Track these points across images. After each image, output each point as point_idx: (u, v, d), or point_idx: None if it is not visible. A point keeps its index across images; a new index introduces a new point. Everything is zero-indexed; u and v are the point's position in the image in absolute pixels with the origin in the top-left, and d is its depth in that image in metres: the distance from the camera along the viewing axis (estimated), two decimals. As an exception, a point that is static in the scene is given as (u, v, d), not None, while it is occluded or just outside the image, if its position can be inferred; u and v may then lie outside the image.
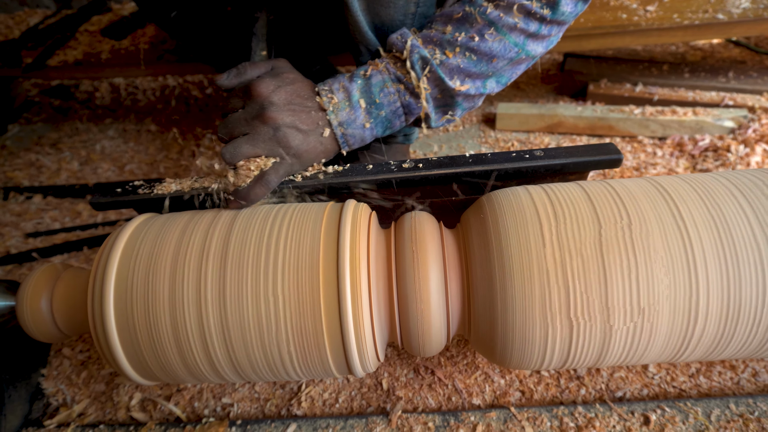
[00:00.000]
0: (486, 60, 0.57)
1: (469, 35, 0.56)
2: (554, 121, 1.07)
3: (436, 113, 0.61)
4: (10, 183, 1.14)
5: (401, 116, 0.60)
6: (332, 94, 0.57)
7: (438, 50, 0.57)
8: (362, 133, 0.59)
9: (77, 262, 0.91)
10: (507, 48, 0.56)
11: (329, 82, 0.59)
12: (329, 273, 0.47)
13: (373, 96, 0.57)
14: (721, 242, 0.45)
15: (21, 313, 0.54)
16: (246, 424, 0.61)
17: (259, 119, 0.54)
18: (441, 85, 0.57)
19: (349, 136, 0.58)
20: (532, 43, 0.57)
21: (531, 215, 0.48)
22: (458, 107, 0.60)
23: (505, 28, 0.55)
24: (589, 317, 0.45)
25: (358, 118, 0.58)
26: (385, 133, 0.62)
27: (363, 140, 0.60)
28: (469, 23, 0.56)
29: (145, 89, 1.43)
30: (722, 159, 0.95)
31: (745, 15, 0.92)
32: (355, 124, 0.58)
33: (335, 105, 0.57)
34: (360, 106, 0.57)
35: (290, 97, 0.56)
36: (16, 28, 1.35)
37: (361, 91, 0.58)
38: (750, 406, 0.59)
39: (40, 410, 0.68)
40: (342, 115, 0.57)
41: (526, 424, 0.59)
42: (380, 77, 0.58)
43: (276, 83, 0.57)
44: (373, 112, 0.58)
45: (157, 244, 0.50)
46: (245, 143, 0.54)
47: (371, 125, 0.59)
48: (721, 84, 1.08)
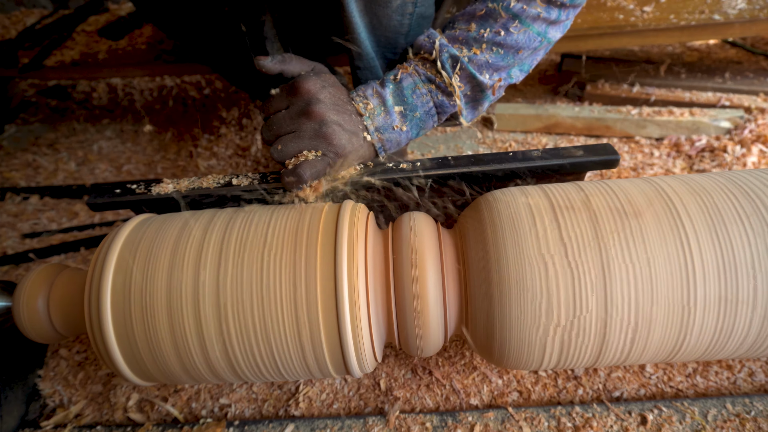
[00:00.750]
0: (512, 52, 0.58)
1: (494, 30, 0.57)
2: (552, 121, 1.07)
3: (468, 109, 0.62)
4: (7, 183, 1.14)
5: (434, 116, 0.61)
6: (367, 100, 0.58)
7: (465, 48, 0.58)
8: (398, 137, 0.59)
9: (74, 262, 0.91)
10: (531, 38, 0.58)
11: (362, 88, 0.59)
12: (327, 273, 0.47)
13: (406, 99, 0.58)
14: (718, 240, 0.45)
15: (18, 314, 0.54)
16: (243, 425, 0.61)
17: (305, 115, 0.54)
18: (472, 81, 0.58)
19: (386, 141, 0.59)
20: (552, 29, 0.59)
21: (528, 216, 0.48)
22: (486, 100, 0.61)
23: (529, 19, 0.57)
24: (587, 316, 0.45)
25: (393, 122, 0.58)
26: (419, 135, 0.62)
27: (399, 144, 0.60)
28: (493, 19, 0.57)
29: (143, 89, 1.43)
30: (719, 159, 0.95)
31: (741, 16, 0.93)
32: (391, 129, 0.58)
33: (371, 110, 0.57)
34: (395, 111, 0.58)
35: (334, 97, 0.56)
36: (12, 28, 1.35)
37: (394, 96, 0.58)
38: (746, 405, 0.59)
39: (36, 411, 0.68)
40: (378, 120, 0.57)
41: (524, 424, 0.59)
42: (411, 80, 0.58)
43: (322, 82, 0.56)
44: (408, 115, 0.59)
45: (155, 245, 0.50)
46: (291, 141, 0.53)
47: (407, 128, 0.59)
48: (717, 84, 1.09)
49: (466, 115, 0.62)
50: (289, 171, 0.52)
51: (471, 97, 0.61)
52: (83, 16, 1.28)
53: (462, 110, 0.61)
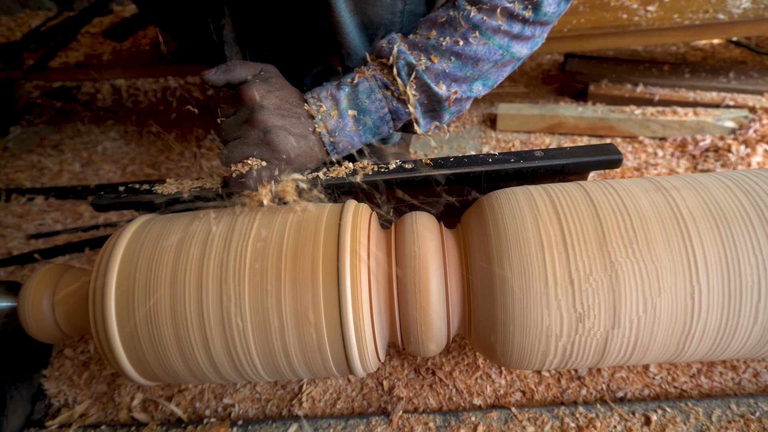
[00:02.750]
0: (471, 63, 0.57)
1: (453, 39, 0.56)
2: (555, 121, 1.07)
3: (425, 118, 0.61)
4: (12, 185, 1.14)
5: (389, 122, 0.60)
6: (320, 102, 0.58)
7: (423, 56, 0.57)
8: (351, 140, 0.59)
9: (79, 263, 0.92)
10: (491, 51, 0.56)
11: (317, 90, 0.59)
12: (330, 273, 0.47)
13: (360, 103, 0.58)
14: (722, 240, 0.45)
15: (23, 314, 0.54)
16: (247, 425, 0.61)
17: (250, 123, 0.54)
18: (427, 91, 0.58)
19: (337, 143, 0.59)
20: (516, 44, 0.57)
21: (531, 215, 0.48)
22: (445, 111, 0.60)
23: (489, 30, 0.55)
24: (590, 316, 0.45)
25: (346, 126, 0.58)
26: (374, 139, 0.62)
27: (352, 146, 0.60)
28: (453, 27, 0.56)
29: (146, 90, 1.43)
30: (723, 159, 0.95)
31: (745, 15, 0.92)
32: (344, 132, 0.58)
33: (323, 113, 0.57)
34: (348, 114, 0.58)
35: (280, 102, 0.56)
36: (17, 30, 1.35)
37: (349, 99, 0.58)
38: (751, 406, 0.59)
39: (41, 411, 0.69)
40: (330, 123, 0.57)
41: (527, 424, 0.59)
42: (367, 84, 0.58)
43: (266, 88, 0.57)
44: (361, 119, 0.59)
45: (159, 245, 0.51)
46: (236, 147, 0.54)
47: (360, 131, 0.59)
48: (721, 84, 1.08)
49: (423, 125, 0.62)
50: (233, 180, 0.53)
51: (428, 107, 0.60)
52: (87, 17, 1.29)
53: (417, 119, 0.60)
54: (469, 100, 0.61)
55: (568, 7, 0.58)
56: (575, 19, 1.01)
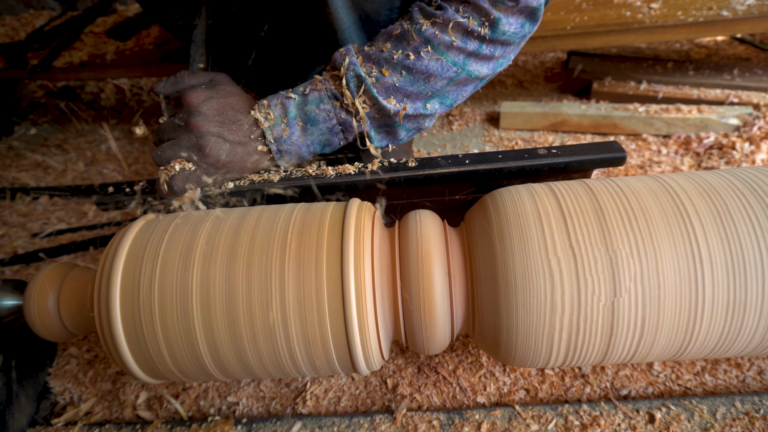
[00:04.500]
0: (422, 79, 0.56)
1: (405, 53, 0.55)
2: (558, 119, 1.07)
3: (378, 133, 0.60)
4: (17, 184, 1.15)
5: (338, 133, 0.59)
6: (269, 109, 0.58)
7: (375, 68, 0.56)
8: (298, 150, 0.59)
9: (84, 261, 0.92)
10: (444, 67, 0.55)
11: (269, 98, 0.59)
12: (333, 272, 0.47)
13: (308, 113, 0.58)
14: (727, 238, 0.45)
15: (28, 313, 0.54)
16: (251, 423, 0.62)
17: (185, 127, 0.55)
18: (376, 104, 0.57)
19: (285, 152, 0.59)
20: (473, 63, 0.56)
21: (534, 213, 0.48)
22: (400, 128, 0.60)
23: (442, 46, 0.54)
24: (594, 314, 0.45)
25: (293, 134, 0.58)
26: (324, 150, 0.61)
27: (300, 156, 0.60)
28: (406, 41, 0.56)
29: (150, 90, 1.44)
30: (727, 157, 0.94)
31: (749, 12, 0.92)
32: (290, 140, 0.58)
33: (271, 120, 0.57)
34: (296, 123, 0.58)
35: (221, 108, 0.57)
36: (21, 30, 1.36)
37: (298, 108, 0.58)
38: (756, 404, 0.58)
39: (47, 409, 0.69)
40: (277, 131, 0.57)
41: (531, 422, 0.59)
42: (317, 94, 0.57)
43: (208, 94, 0.57)
44: (309, 129, 0.58)
45: (163, 244, 0.51)
46: (168, 148, 0.55)
47: (308, 142, 0.59)
48: (725, 81, 1.08)
49: (379, 140, 0.61)
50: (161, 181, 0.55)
51: (380, 122, 0.59)
52: (91, 17, 1.29)
53: (368, 133, 0.59)
54: (427, 118, 0.60)
55: (534, 28, 0.57)
56: (578, 16, 1.00)
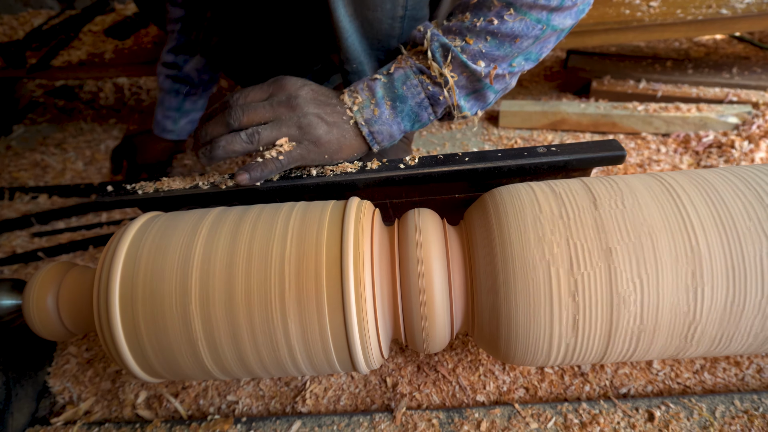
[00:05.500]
0: (509, 41, 0.55)
1: (487, 19, 0.55)
2: (557, 118, 1.07)
3: (468, 101, 0.60)
4: (16, 183, 1.15)
5: (427, 108, 0.59)
6: (357, 93, 0.58)
7: (458, 38, 0.56)
8: (390, 129, 0.59)
9: (83, 261, 0.92)
10: (529, 26, 0.55)
11: (354, 84, 0.60)
12: (333, 270, 0.47)
13: (396, 90, 0.58)
14: (726, 235, 0.45)
15: (27, 312, 0.54)
16: (251, 422, 0.62)
17: (285, 106, 0.56)
18: (466, 70, 0.56)
19: (376, 134, 0.59)
20: (556, 16, 0.55)
21: (534, 211, 0.48)
22: (489, 90, 0.59)
23: (524, 7, 0.54)
24: (594, 312, 0.45)
25: (383, 114, 0.58)
26: (414, 128, 0.61)
27: (392, 136, 0.60)
28: (486, 7, 0.55)
29: (149, 89, 1.44)
30: (726, 155, 0.94)
31: (749, 10, 0.92)
32: (381, 121, 0.58)
33: (360, 104, 0.58)
34: (385, 103, 0.58)
35: (315, 95, 0.58)
36: (20, 28, 1.35)
37: (385, 88, 0.58)
38: (755, 402, 0.58)
39: (46, 408, 0.69)
40: (367, 113, 0.58)
41: (531, 421, 0.59)
42: (402, 72, 0.58)
43: (303, 82, 0.59)
44: (398, 107, 0.58)
45: (162, 243, 0.51)
46: (269, 129, 0.56)
47: (398, 120, 0.59)
48: (724, 80, 1.08)
49: (469, 107, 0.60)
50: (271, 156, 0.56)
51: (469, 88, 0.59)
52: (90, 16, 1.29)
53: (457, 103, 0.59)
54: (514, 76, 0.60)
55: None
56: (578, 15, 1.00)
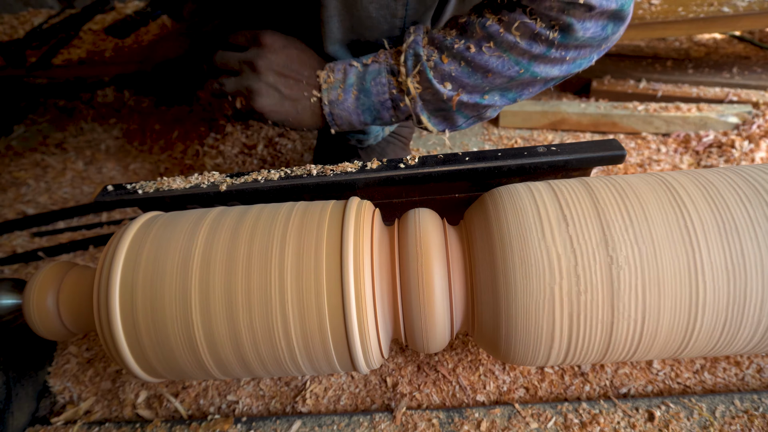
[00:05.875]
0: (480, 73, 0.54)
1: (466, 45, 0.54)
2: (557, 117, 1.07)
3: (433, 116, 0.60)
4: (16, 183, 1.15)
5: (389, 109, 0.60)
6: (332, 72, 0.59)
7: (436, 53, 0.56)
8: (349, 117, 0.60)
9: (83, 260, 0.92)
10: (506, 65, 0.53)
11: (339, 62, 0.60)
12: (333, 270, 0.47)
13: (365, 83, 0.58)
14: (726, 233, 0.45)
15: (28, 311, 0.54)
16: (251, 421, 0.62)
17: (249, 65, 0.58)
18: (430, 87, 0.56)
19: (336, 116, 0.60)
20: (540, 65, 0.54)
21: (533, 211, 0.48)
22: (458, 115, 0.59)
23: (505, 44, 0.52)
24: (594, 311, 0.45)
25: (347, 101, 0.59)
26: (375, 123, 0.62)
27: (350, 123, 0.61)
28: (469, 33, 0.54)
29: (149, 88, 1.43)
30: (726, 155, 0.94)
31: (750, 8, 0.92)
32: (343, 106, 0.59)
33: (330, 83, 0.59)
34: (352, 91, 0.59)
35: (288, 61, 0.59)
36: (20, 27, 1.35)
37: (357, 77, 0.59)
38: (755, 402, 0.59)
39: (47, 408, 0.69)
40: (333, 94, 0.59)
41: (531, 421, 0.59)
42: (377, 66, 0.58)
43: (284, 42, 0.59)
44: (362, 99, 0.59)
45: (163, 242, 0.51)
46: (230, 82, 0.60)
47: (359, 112, 0.60)
48: (725, 80, 1.08)
49: (434, 124, 0.61)
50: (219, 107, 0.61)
51: (434, 106, 0.58)
52: (90, 14, 1.29)
53: (419, 115, 0.59)
54: (488, 109, 0.58)
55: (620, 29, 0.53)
56: (578, 14, 1.00)
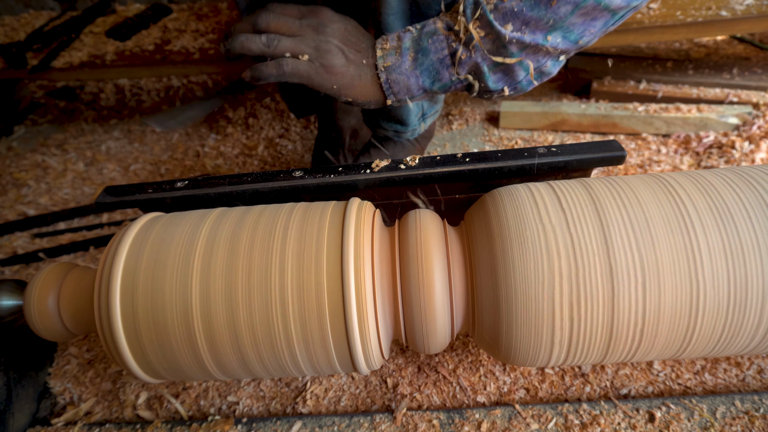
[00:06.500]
0: (544, 3, 0.50)
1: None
2: (558, 118, 1.07)
3: (493, 72, 0.56)
4: (17, 184, 1.15)
5: (449, 67, 0.56)
6: (386, 41, 0.58)
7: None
8: (407, 81, 0.58)
9: (84, 261, 0.92)
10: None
11: (391, 33, 0.59)
12: (333, 271, 0.47)
13: (421, 43, 0.56)
14: (726, 235, 0.45)
15: (28, 312, 0.54)
16: (251, 422, 0.62)
17: (313, 29, 0.57)
18: (491, 32, 0.53)
19: (393, 83, 0.58)
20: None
21: (533, 212, 0.48)
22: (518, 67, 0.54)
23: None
24: (594, 312, 0.45)
25: (404, 64, 0.57)
26: (434, 86, 0.58)
27: (409, 89, 0.58)
28: None
29: (150, 90, 1.44)
30: (727, 156, 0.94)
31: (748, 12, 0.92)
32: (400, 69, 0.57)
33: (385, 50, 0.58)
34: (408, 52, 0.57)
35: (346, 33, 0.58)
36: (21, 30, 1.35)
37: (413, 40, 0.57)
38: (755, 403, 0.58)
39: (47, 409, 0.69)
40: (389, 59, 0.57)
41: (531, 421, 0.59)
42: (433, 26, 0.57)
43: (340, 17, 0.59)
44: (419, 59, 0.57)
45: (163, 243, 0.51)
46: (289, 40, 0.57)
47: (417, 72, 0.57)
48: (725, 81, 1.08)
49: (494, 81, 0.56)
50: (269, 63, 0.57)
51: (495, 54, 0.54)
52: (91, 17, 1.29)
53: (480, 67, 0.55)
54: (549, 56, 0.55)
55: None
56: (578, 16, 1.00)
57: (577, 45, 0.54)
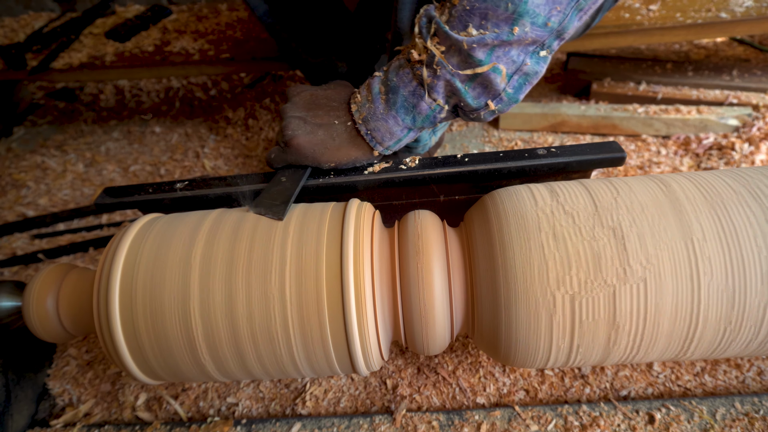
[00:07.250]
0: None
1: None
2: (558, 120, 1.07)
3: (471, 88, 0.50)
4: (17, 185, 1.15)
5: (422, 95, 0.52)
6: (357, 94, 0.57)
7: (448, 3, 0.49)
8: (386, 124, 0.54)
9: (83, 262, 0.92)
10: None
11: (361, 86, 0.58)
12: (333, 272, 0.47)
13: (389, 82, 0.53)
14: (725, 236, 0.45)
15: (27, 314, 0.54)
16: (251, 424, 0.62)
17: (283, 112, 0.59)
18: (452, 43, 0.48)
19: (373, 131, 0.54)
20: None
21: (533, 214, 0.48)
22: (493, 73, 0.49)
23: None
24: (594, 314, 0.45)
25: (378, 109, 0.54)
26: (416, 122, 0.54)
27: (391, 133, 0.55)
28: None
29: (149, 91, 1.44)
30: (727, 157, 0.94)
31: (748, 14, 0.92)
32: (375, 115, 0.54)
33: (359, 102, 0.55)
34: (379, 96, 0.54)
35: (312, 98, 0.59)
36: (21, 31, 1.35)
37: (381, 82, 0.54)
38: (755, 404, 0.58)
39: (46, 410, 0.69)
40: (363, 110, 0.55)
41: (531, 423, 0.59)
42: (398, 62, 0.53)
43: (304, 88, 0.60)
44: (391, 98, 0.53)
45: (163, 244, 0.51)
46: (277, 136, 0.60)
47: (393, 113, 0.53)
48: (725, 82, 1.08)
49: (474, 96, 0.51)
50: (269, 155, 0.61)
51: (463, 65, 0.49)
52: (90, 18, 1.29)
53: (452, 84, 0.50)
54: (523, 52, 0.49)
55: None
56: (578, 17, 1.00)
57: (549, 29, 0.48)
